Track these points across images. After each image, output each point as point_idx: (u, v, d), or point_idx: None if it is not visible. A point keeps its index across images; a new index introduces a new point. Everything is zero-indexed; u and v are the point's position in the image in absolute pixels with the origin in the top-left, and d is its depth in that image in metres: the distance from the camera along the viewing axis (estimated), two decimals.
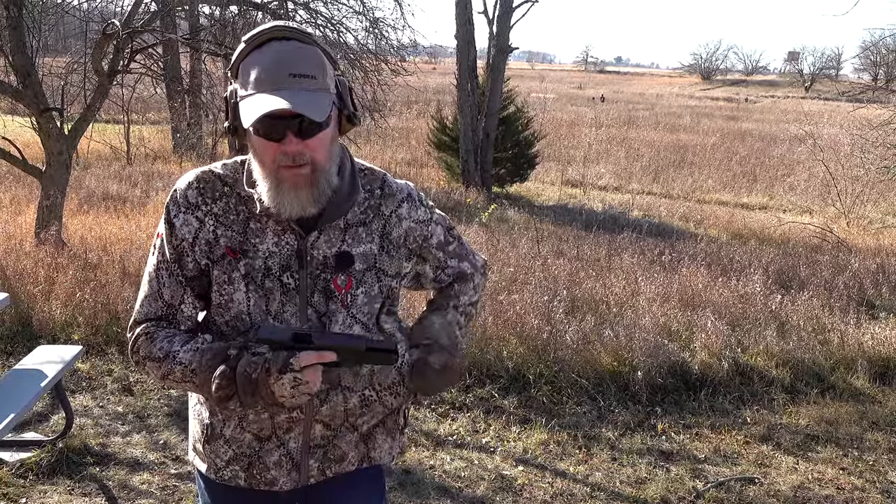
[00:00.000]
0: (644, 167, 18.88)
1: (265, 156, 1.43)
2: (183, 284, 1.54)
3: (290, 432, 1.60)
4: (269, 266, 1.50)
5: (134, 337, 1.57)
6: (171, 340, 1.52)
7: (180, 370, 1.49)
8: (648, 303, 6.16)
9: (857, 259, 8.58)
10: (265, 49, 1.42)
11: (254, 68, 1.41)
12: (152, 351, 1.53)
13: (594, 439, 4.30)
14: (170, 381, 1.52)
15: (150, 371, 1.55)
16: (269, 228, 1.50)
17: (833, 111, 30.80)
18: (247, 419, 1.58)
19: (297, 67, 1.39)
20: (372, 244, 1.57)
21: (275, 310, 1.51)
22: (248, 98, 1.39)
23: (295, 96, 1.37)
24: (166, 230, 1.53)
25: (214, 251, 1.51)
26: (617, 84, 67.62)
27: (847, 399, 5.00)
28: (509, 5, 14.94)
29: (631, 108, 37.83)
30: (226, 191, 1.52)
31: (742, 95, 58.06)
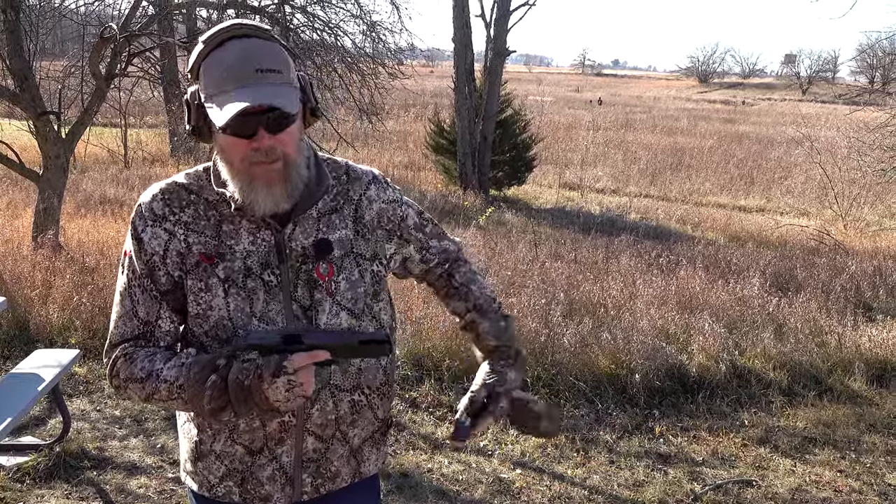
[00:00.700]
0: (641, 170, 18.90)
1: (235, 154, 1.42)
2: (158, 299, 1.50)
3: (283, 444, 1.56)
4: (248, 266, 1.48)
5: (111, 360, 1.52)
6: (152, 359, 1.48)
7: (166, 388, 1.44)
8: (646, 305, 6.17)
9: (854, 262, 8.59)
10: (227, 47, 1.39)
11: (217, 67, 1.39)
12: (133, 372, 1.48)
13: (592, 442, 4.30)
14: (156, 401, 1.47)
15: (133, 393, 1.49)
16: (242, 228, 1.48)
17: (830, 114, 30.87)
18: (237, 430, 1.54)
19: (262, 63, 1.38)
20: (346, 230, 1.56)
21: (259, 310, 1.47)
22: (216, 97, 1.38)
23: (264, 91, 1.36)
24: (134, 246, 1.49)
25: (187, 260, 1.47)
26: (614, 87, 67.72)
27: (844, 401, 5.00)
28: (506, 8, 14.96)
29: (628, 111, 37.87)
30: (192, 199, 1.50)
31: (739, 98, 58.17)
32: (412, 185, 15.05)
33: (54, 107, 7.40)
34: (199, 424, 1.57)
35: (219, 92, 1.37)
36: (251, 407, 1.38)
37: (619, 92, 59.69)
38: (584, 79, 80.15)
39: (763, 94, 63.86)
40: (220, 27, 1.41)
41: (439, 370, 4.91)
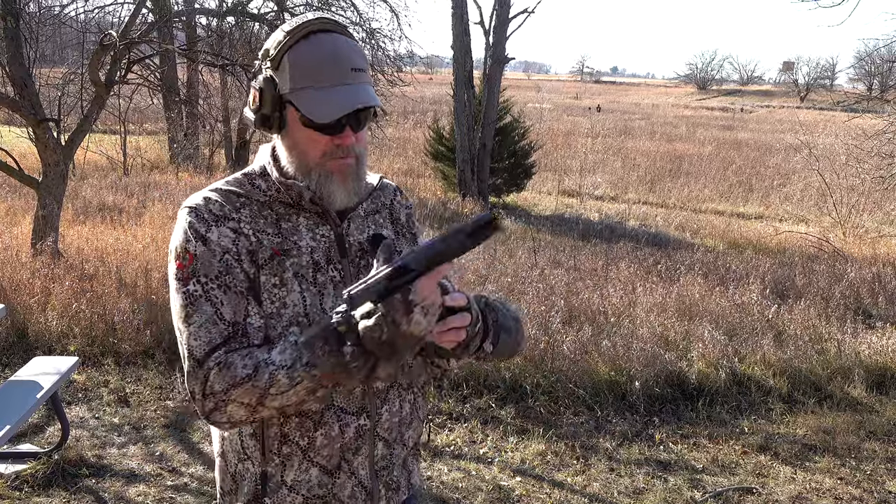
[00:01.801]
0: (640, 177, 18.92)
1: (314, 149, 1.43)
2: (244, 294, 1.40)
3: (359, 454, 1.50)
4: (316, 260, 1.46)
5: (203, 378, 1.35)
6: (251, 354, 1.36)
7: (285, 374, 1.32)
8: (646, 313, 6.16)
9: (854, 268, 8.60)
10: (314, 41, 1.40)
11: (308, 60, 1.39)
12: (237, 374, 1.33)
13: (592, 449, 4.29)
14: (271, 399, 1.33)
15: (239, 401, 1.33)
16: (301, 225, 1.48)
17: (828, 121, 30.93)
18: (313, 448, 1.46)
19: (355, 62, 1.41)
20: (387, 229, 1.60)
21: (330, 306, 1.45)
22: (307, 91, 1.39)
23: (363, 91, 1.41)
24: (201, 249, 1.39)
25: (259, 256, 1.42)
26: (613, 94, 67.87)
27: (844, 408, 5.00)
28: (505, 16, 15.00)
29: (627, 118, 37.94)
30: (243, 201, 1.47)
31: (738, 105, 58.28)
32: (412, 191, 15.05)
33: (54, 114, 7.41)
34: (266, 454, 1.45)
35: (311, 86, 1.39)
36: (401, 356, 1.31)
37: (617, 99, 59.80)
38: (583, 86, 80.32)
39: (761, 102, 63.99)
40: (306, 19, 1.42)
41: (438, 377, 4.89)
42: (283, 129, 1.45)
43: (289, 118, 1.43)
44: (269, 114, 1.43)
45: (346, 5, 9.25)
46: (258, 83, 1.44)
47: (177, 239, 1.42)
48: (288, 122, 1.43)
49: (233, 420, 1.36)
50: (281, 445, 1.45)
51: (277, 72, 1.41)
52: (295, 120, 1.42)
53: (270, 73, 1.42)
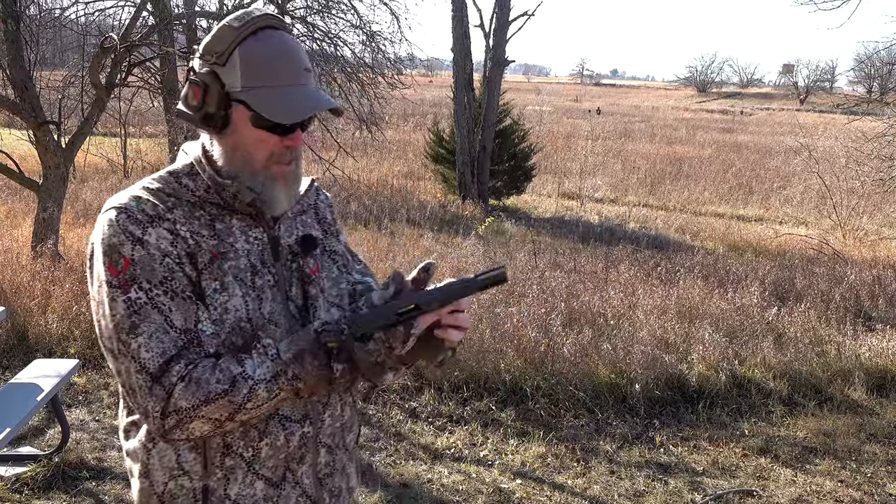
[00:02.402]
0: (640, 179, 18.92)
1: (261, 150, 1.37)
2: (192, 300, 1.32)
3: (303, 462, 1.46)
4: (252, 263, 1.40)
5: (163, 395, 1.26)
6: (221, 368, 1.28)
7: (264, 388, 1.28)
8: (646, 315, 6.16)
9: (854, 271, 8.59)
10: (264, 38, 1.35)
11: (263, 58, 1.34)
12: (210, 390, 1.26)
13: (592, 452, 4.29)
14: (244, 413, 1.28)
15: (208, 417, 1.27)
16: (234, 227, 1.40)
17: (828, 123, 30.93)
18: (258, 459, 1.40)
19: (305, 62, 1.39)
20: (315, 229, 1.55)
21: (268, 311, 1.39)
22: (261, 90, 1.33)
23: (320, 93, 1.39)
24: (139, 253, 1.29)
25: (199, 259, 1.34)
26: (613, 97, 67.92)
27: (845, 411, 5.00)
28: (505, 19, 15.01)
29: (627, 121, 37.95)
30: (174, 201, 1.37)
31: (737, 108, 58.31)
32: (411, 194, 15.06)
33: (54, 116, 7.41)
34: (207, 466, 1.37)
35: (266, 85, 1.33)
36: (386, 373, 1.37)
37: (617, 101, 59.84)
38: (583, 88, 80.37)
39: (761, 104, 64.05)
40: (253, 14, 1.36)
41: (439, 380, 4.89)
42: (225, 127, 1.37)
43: (235, 117, 1.36)
44: (213, 112, 1.35)
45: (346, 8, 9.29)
46: (200, 79, 1.36)
47: (105, 242, 1.30)
48: (234, 121, 1.36)
49: (192, 436, 1.29)
50: (224, 458, 1.37)
51: (224, 68, 1.34)
52: (244, 119, 1.35)
53: (215, 70, 1.35)
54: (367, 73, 10.21)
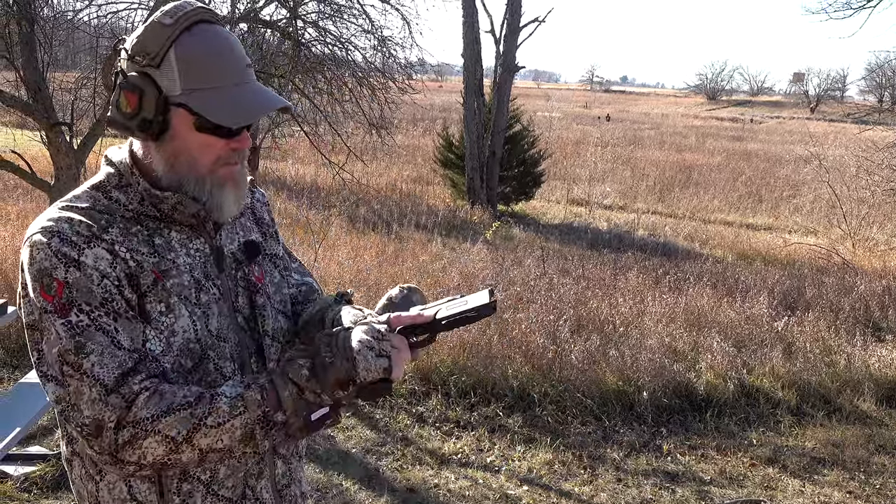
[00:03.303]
0: (649, 186, 18.89)
1: (206, 155, 1.28)
2: (137, 319, 1.23)
3: (262, 477, 1.40)
4: (196, 278, 1.31)
5: (120, 404, 1.16)
6: (191, 388, 1.22)
7: (227, 403, 1.19)
8: (654, 323, 6.15)
9: (864, 281, 8.55)
10: (199, 34, 1.25)
11: (202, 58, 1.25)
12: (172, 402, 1.18)
13: (599, 459, 4.28)
14: (202, 435, 1.18)
15: (164, 434, 1.16)
16: (174, 241, 1.31)
17: (839, 132, 30.83)
18: (216, 480, 1.32)
19: (245, 57, 1.30)
20: (255, 232, 1.49)
21: (216, 327, 1.31)
22: (204, 92, 1.24)
23: (268, 91, 1.31)
24: (74, 275, 1.19)
25: (142, 280, 1.25)
26: (622, 103, 67.85)
27: (854, 422, 4.97)
28: (516, 25, 15.03)
29: (636, 128, 37.90)
30: (108, 218, 1.27)
31: (747, 116, 58.15)
32: (420, 198, 15.08)
33: (67, 118, 7.45)
34: (162, 490, 1.28)
35: (207, 87, 1.24)
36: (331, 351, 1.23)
37: (627, 108, 59.78)
38: (593, 95, 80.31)
39: (771, 112, 63.85)
40: (185, 10, 1.25)
41: (447, 385, 4.90)
42: (163, 133, 1.27)
43: (175, 122, 1.26)
44: (151, 118, 1.25)
45: (357, 13, 9.31)
46: (133, 83, 1.25)
47: (34, 268, 1.20)
48: (173, 126, 1.26)
49: (143, 460, 1.17)
50: (181, 483, 1.29)
51: (159, 70, 1.24)
52: (185, 124, 1.26)
53: (148, 72, 1.24)
54: (378, 77, 10.23)
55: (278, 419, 1.20)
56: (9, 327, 5.11)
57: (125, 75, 1.26)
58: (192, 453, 1.18)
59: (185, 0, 1.28)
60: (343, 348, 1.23)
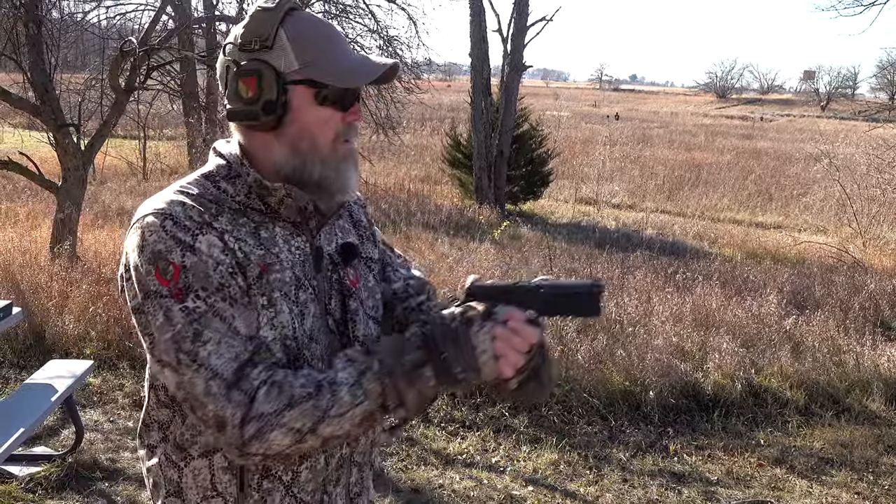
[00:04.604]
0: (658, 185, 18.83)
1: (326, 132, 1.29)
2: (251, 305, 1.23)
3: (338, 484, 1.40)
4: (297, 276, 1.30)
5: (244, 400, 1.16)
6: (304, 374, 1.21)
7: (348, 392, 1.19)
8: (661, 322, 6.12)
9: (874, 280, 8.49)
10: (297, 15, 1.28)
11: (312, 32, 1.28)
12: (293, 394, 1.17)
13: (605, 460, 4.26)
14: (326, 424, 1.18)
15: (290, 427, 1.17)
16: (278, 236, 1.30)
17: (850, 130, 30.63)
18: (297, 482, 1.33)
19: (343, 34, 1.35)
20: (352, 235, 1.46)
21: (309, 327, 1.30)
22: (327, 61, 1.27)
23: (366, 55, 1.34)
24: (191, 259, 1.18)
25: (248, 272, 1.24)
26: (631, 102, 67.66)
27: (862, 422, 4.93)
28: (523, 24, 15.00)
29: (645, 127, 37.80)
30: (217, 208, 1.27)
31: (757, 114, 57.88)
32: (428, 198, 15.07)
33: (74, 119, 7.49)
34: (242, 491, 1.30)
35: (322, 57, 1.27)
36: (458, 356, 1.20)
37: (636, 107, 59.62)
38: (602, 94, 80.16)
39: (781, 111, 63.57)
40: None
41: None
42: (285, 115, 1.27)
43: (294, 101, 1.26)
44: (274, 98, 1.25)
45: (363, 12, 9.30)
46: (248, 68, 1.25)
47: (147, 250, 1.19)
48: (293, 106, 1.26)
49: (270, 451, 1.18)
50: (262, 480, 1.30)
51: (272, 51, 1.25)
52: (306, 100, 1.27)
53: (261, 56, 1.26)
54: None
55: (400, 414, 1.22)
56: (15, 328, 5.13)
57: (238, 64, 1.27)
58: (316, 441, 1.20)
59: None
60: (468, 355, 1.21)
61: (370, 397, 1.20)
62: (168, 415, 1.30)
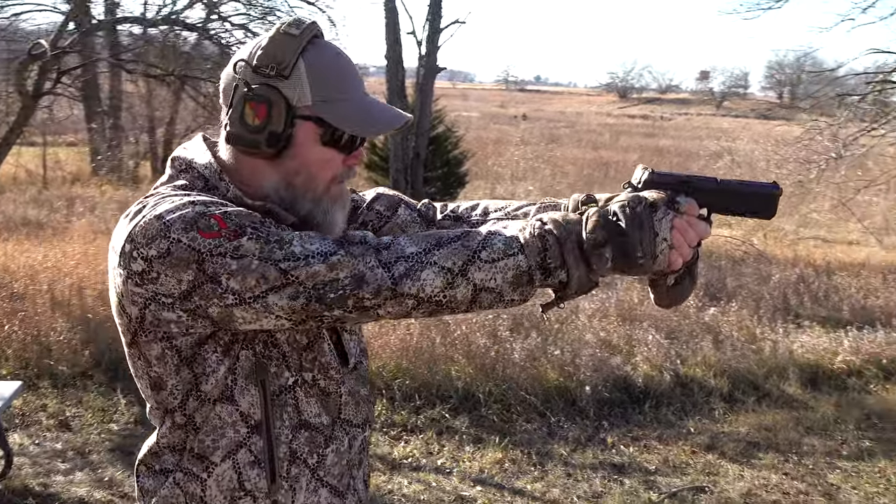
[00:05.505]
0: (570, 184, 19.25)
1: (325, 172, 1.25)
2: None
3: (360, 467, 1.41)
4: None
5: (372, 247, 1.12)
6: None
7: (502, 240, 1.13)
8: (588, 318, 6.28)
9: (778, 270, 8.95)
10: (321, 47, 1.24)
11: (332, 69, 1.24)
12: (441, 236, 1.15)
13: (547, 456, 4.35)
14: (477, 269, 1.11)
15: (440, 265, 1.11)
16: None
17: (743, 128, 32.14)
18: (323, 466, 1.31)
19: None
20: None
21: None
22: (344, 103, 1.23)
23: (384, 103, 1.31)
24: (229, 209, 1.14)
25: None
26: (537, 102, 68.86)
27: (782, 406, 5.20)
28: (437, 26, 15.07)
29: (553, 126, 38.55)
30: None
31: (657, 113, 59.83)
32: None
33: None
34: (274, 482, 1.25)
35: (340, 98, 1.23)
36: (643, 238, 1.15)
37: (542, 107, 60.70)
38: (508, 94, 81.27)
39: (679, 109, 65.91)
40: (307, 22, 1.24)
41: (391, 389, 4.88)
42: (286, 149, 1.23)
43: (299, 136, 1.22)
44: (280, 131, 1.20)
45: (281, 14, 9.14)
46: (260, 94, 1.20)
47: (176, 226, 1.10)
48: (297, 141, 1.22)
49: (421, 294, 1.11)
50: (290, 466, 1.27)
51: (288, 81, 1.20)
52: (310, 138, 1.23)
53: (275, 84, 1.20)
54: None
55: (560, 277, 1.15)
56: None
57: (249, 87, 1.21)
58: (467, 289, 1.12)
59: (298, 17, 1.29)
60: (650, 241, 1.16)
61: (528, 251, 1.13)
62: (181, 436, 1.26)
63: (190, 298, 1.12)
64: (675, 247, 1.18)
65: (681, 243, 1.19)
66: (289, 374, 1.25)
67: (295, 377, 1.26)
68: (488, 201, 1.54)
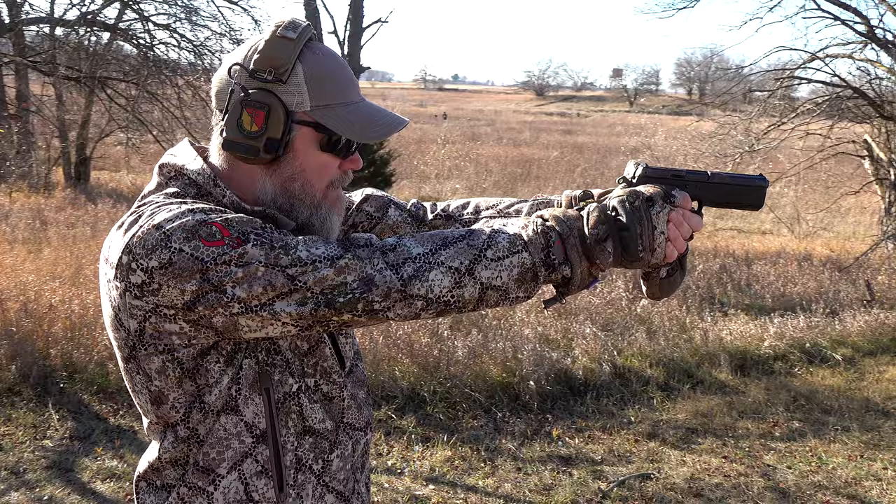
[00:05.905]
0: (495, 182, 19.45)
1: (322, 178, 1.23)
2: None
3: (363, 471, 1.40)
4: None
5: (377, 249, 1.10)
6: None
7: (506, 238, 1.13)
8: (525, 314, 6.37)
9: (701, 261, 9.27)
10: (316, 50, 1.21)
11: (330, 73, 1.21)
12: (446, 235, 1.13)
13: (496, 451, 4.39)
14: (483, 267, 1.11)
15: (447, 265, 1.10)
16: None
17: (656, 123, 33.13)
18: (328, 471, 1.29)
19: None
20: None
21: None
22: (342, 108, 1.21)
23: (381, 107, 1.28)
24: (229, 216, 1.10)
25: None
26: (457, 101, 69.29)
27: (715, 392, 5.40)
28: (359, 26, 14.99)
29: (473, 125, 38.87)
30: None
31: (574, 110, 61.08)
32: None
33: None
34: (282, 491, 1.23)
35: (338, 103, 1.21)
36: (643, 231, 1.16)
37: (461, 106, 61.09)
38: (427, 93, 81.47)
39: (595, 107, 67.43)
40: (302, 24, 1.20)
41: None
42: (283, 155, 1.20)
43: (297, 142, 1.20)
44: (278, 137, 1.17)
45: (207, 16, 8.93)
46: (258, 100, 1.17)
47: (177, 236, 1.06)
48: (294, 147, 1.20)
49: (430, 295, 1.10)
50: (296, 473, 1.25)
51: (285, 86, 1.18)
52: (308, 143, 1.20)
53: (272, 88, 1.17)
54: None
55: (564, 272, 1.15)
56: None
57: (246, 92, 1.17)
58: (475, 288, 1.11)
59: (293, 17, 1.22)
60: (649, 235, 1.17)
61: (532, 248, 1.13)
62: (184, 450, 1.21)
63: (193, 309, 1.08)
64: (671, 239, 1.20)
65: (676, 236, 1.20)
66: (292, 381, 1.23)
67: (298, 383, 1.24)
68: (478, 199, 1.56)
